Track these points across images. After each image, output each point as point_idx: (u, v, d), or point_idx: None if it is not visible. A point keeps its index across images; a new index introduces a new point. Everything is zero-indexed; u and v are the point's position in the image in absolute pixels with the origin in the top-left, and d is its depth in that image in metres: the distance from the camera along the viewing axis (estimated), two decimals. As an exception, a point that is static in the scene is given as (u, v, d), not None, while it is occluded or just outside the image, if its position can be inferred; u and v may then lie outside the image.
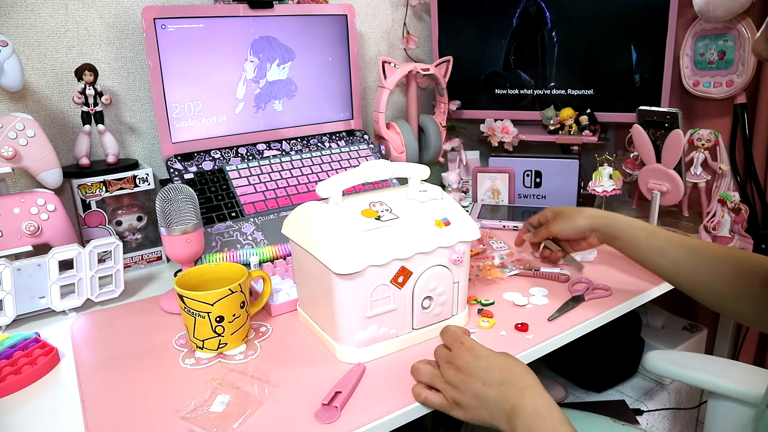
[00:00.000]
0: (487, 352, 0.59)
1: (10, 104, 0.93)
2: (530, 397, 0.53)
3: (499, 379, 0.55)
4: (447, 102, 1.28)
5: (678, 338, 1.21)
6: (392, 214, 0.67)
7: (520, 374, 0.56)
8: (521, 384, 0.55)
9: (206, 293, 0.65)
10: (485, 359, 0.57)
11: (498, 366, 0.56)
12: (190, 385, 0.62)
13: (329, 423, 0.55)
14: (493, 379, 0.55)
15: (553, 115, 1.23)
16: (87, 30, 0.98)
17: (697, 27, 1.08)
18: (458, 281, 0.70)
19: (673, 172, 0.96)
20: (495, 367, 0.56)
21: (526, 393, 0.54)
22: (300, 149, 1.13)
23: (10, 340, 0.71)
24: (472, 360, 0.57)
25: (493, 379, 0.55)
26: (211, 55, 1.01)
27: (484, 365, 0.57)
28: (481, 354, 0.58)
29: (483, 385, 0.55)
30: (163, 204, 0.75)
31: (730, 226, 1.00)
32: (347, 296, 0.62)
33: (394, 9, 1.33)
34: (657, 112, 0.96)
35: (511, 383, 0.55)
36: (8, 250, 0.82)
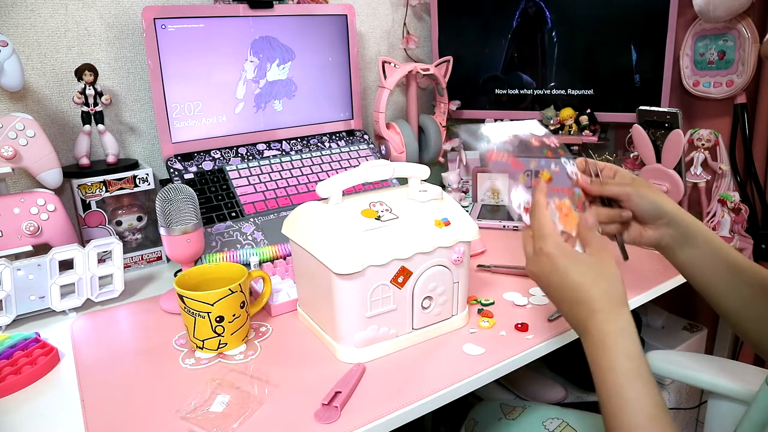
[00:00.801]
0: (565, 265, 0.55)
1: (10, 104, 0.93)
2: (598, 323, 0.51)
3: (572, 299, 0.53)
4: (447, 102, 1.28)
5: (678, 338, 1.21)
6: (392, 214, 0.67)
7: (595, 296, 0.53)
8: (594, 307, 0.52)
9: (206, 293, 0.65)
10: (561, 274, 0.55)
11: (572, 285, 0.54)
12: (190, 385, 0.62)
13: (329, 423, 0.55)
14: (566, 297, 0.54)
15: (553, 115, 1.23)
16: (87, 30, 0.98)
17: (697, 27, 1.08)
18: (458, 281, 0.70)
19: (673, 172, 0.96)
20: (569, 285, 0.54)
21: (596, 317, 0.51)
22: (300, 149, 1.13)
23: (10, 340, 0.71)
24: (548, 271, 0.56)
25: (566, 297, 0.54)
26: (211, 55, 1.01)
27: (559, 281, 0.55)
28: (558, 266, 0.55)
29: (557, 299, 0.55)
30: (163, 204, 0.75)
31: (730, 226, 1.00)
32: (347, 296, 0.62)
33: (394, 9, 1.33)
34: (657, 112, 0.96)
35: (585, 305, 0.53)
36: (8, 250, 0.82)
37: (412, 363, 0.65)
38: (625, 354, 0.49)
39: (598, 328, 0.51)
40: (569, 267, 0.55)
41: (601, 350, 0.50)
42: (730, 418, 0.85)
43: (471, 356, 0.66)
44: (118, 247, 0.83)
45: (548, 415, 0.82)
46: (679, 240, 0.65)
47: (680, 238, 0.65)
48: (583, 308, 0.53)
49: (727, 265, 0.64)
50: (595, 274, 0.54)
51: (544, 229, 0.58)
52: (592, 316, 0.52)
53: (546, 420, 0.81)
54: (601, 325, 0.51)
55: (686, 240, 0.65)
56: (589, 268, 0.54)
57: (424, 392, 0.59)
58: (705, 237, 0.65)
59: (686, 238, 0.65)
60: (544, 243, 0.57)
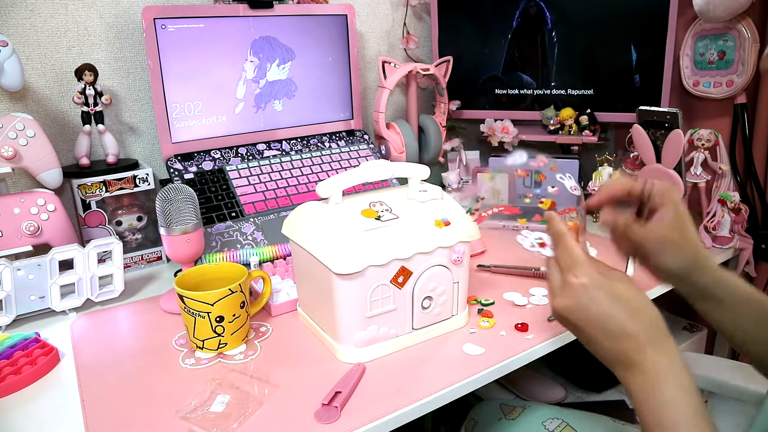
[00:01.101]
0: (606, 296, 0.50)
1: (10, 104, 0.93)
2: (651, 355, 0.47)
3: (617, 332, 0.49)
4: (447, 102, 1.28)
5: (678, 338, 1.21)
6: (392, 214, 0.67)
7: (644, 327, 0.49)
8: (643, 339, 0.48)
9: (206, 293, 0.65)
10: (603, 306, 0.50)
11: (618, 318, 0.49)
12: (190, 385, 0.62)
13: (329, 423, 0.55)
14: (612, 332, 0.49)
15: (553, 115, 1.23)
16: (87, 30, 0.98)
17: (697, 27, 1.08)
18: (458, 281, 0.70)
19: (673, 172, 0.96)
20: (615, 318, 0.49)
21: (648, 350, 0.47)
22: (300, 149, 1.12)
23: (10, 340, 0.71)
24: (588, 303, 0.50)
25: (612, 332, 0.49)
26: (211, 55, 1.01)
27: (602, 313, 0.50)
28: (599, 297, 0.50)
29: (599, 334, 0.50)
30: (163, 204, 0.75)
31: (730, 226, 1.00)
32: (347, 296, 0.62)
33: (394, 9, 1.33)
34: (657, 112, 0.96)
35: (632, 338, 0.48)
36: (8, 250, 0.82)
37: (412, 363, 0.65)
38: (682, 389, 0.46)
39: (650, 360, 0.47)
40: (610, 296, 0.50)
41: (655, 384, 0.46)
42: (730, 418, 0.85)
43: (471, 356, 0.66)
44: (118, 247, 0.83)
45: (548, 415, 0.82)
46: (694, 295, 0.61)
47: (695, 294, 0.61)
48: (631, 341, 0.48)
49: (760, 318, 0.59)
50: (638, 304, 0.50)
51: (576, 257, 0.53)
52: (642, 350, 0.48)
53: (546, 420, 0.81)
54: (655, 358, 0.47)
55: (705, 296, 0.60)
56: (631, 298, 0.51)
57: (424, 392, 0.59)
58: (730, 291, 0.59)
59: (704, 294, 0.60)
60: (577, 272, 0.52)
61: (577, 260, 0.52)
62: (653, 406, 0.47)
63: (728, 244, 1.00)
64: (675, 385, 0.46)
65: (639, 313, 0.50)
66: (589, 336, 0.51)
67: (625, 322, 0.49)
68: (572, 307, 0.52)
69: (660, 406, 0.46)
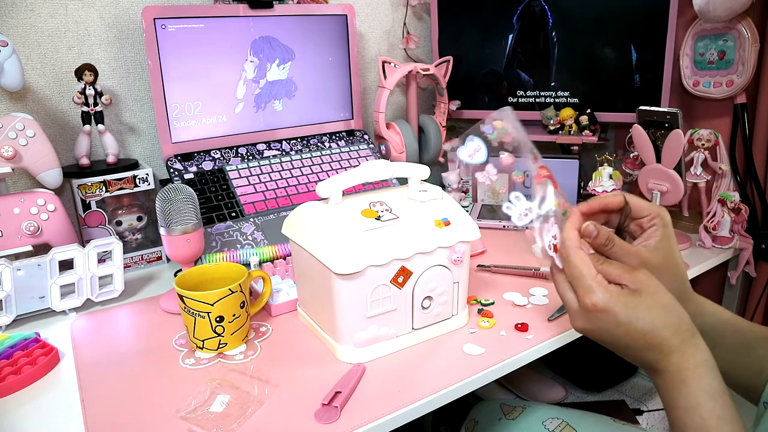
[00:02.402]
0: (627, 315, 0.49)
1: (10, 104, 0.93)
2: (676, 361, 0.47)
3: (641, 345, 0.49)
4: (447, 102, 1.28)
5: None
6: (392, 214, 0.67)
7: (667, 337, 0.48)
8: (668, 347, 0.48)
9: (206, 293, 0.65)
10: (625, 326, 0.49)
11: (640, 334, 0.49)
12: (190, 385, 0.62)
13: (329, 423, 0.55)
14: (635, 346, 0.49)
15: (553, 115, 1.23)
16: (87, 30, 0.98)
17: (697, 27, 1.08)
18: (458, 281, 0.70)
19: (673, 172, 0.96)
20: (637, 335, 0.49)
21: (673, 357, 0.47)
22: (300, 149, 1.13)
23: (10, 340, 0.71)
24: (608, 327, 0.50)
25: (635, 346, 0.49)
26: (211, 55, 1.01)
27: (623, 333, 0.49)
28: (620, 319, 0.49)
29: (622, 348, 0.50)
30: (163, 204, 0.75)
31: (730, 226, 1.00)
32: (347, 296, 0.62)
33: (394, 9, 1.33)
34: (657, 112, 0.96)
35: (657, 348, 0.48)
36: (8, 250, 0.82)
37: (412, 363, 0.65)
38: (707, 392, 0.45)
39: (675, 367, 0.47)
40: (632, 315, 0.49)
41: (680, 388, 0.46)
42: (730, 418, 0.85)
43: (471, 356, 0.66)
44: (118, 247, 0.83)
45: (548, 415, 0.82)
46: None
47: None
48: (655, 351, 0.49)
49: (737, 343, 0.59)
50: (657, 312, 0.49)
51: (586, 277, 0.51)
52: (667, 357, 0.48)
53: (546, 420, 0.81)
54: (679, 363, 0.47)
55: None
56: (649, 307, 0.49)
57: (424, 392, 0.59)
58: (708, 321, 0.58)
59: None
60: (594, 296, 0.50)
61: (590, 281, 0.51)
62: (679, 410, 0.47)
63: (728, 244, 1.00)
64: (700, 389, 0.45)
65: (664, 322, 0.49)
66: (613, 348, 0.52)
67: (647, 336, 0.49)
68: (595, 330, 0.51)
69: (685, 411, 0.46)
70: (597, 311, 0.50)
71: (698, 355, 0.48)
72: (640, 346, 0.49)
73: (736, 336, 0.60)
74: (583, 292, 0.51)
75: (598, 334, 0.52)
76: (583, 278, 0.51)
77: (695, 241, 1.02)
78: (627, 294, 0.50)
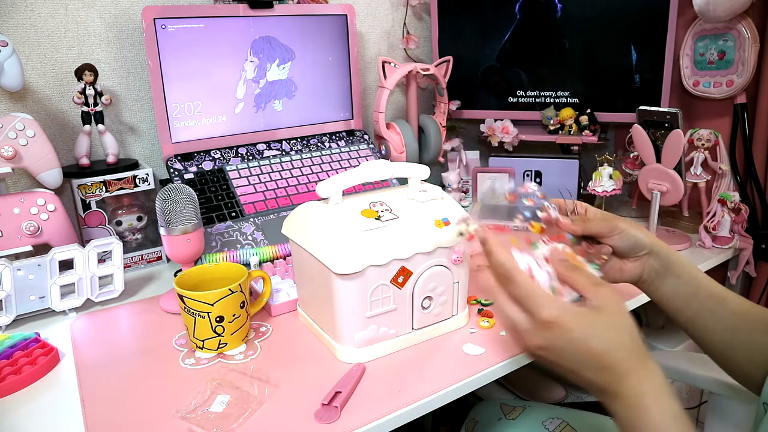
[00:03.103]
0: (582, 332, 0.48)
1: (10, 104, 0.93)
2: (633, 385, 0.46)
3: (594, 366, 0.48)
4: (447, 102, 1.28)
5: (678, 338, 1.21)
6: (392, 214, 0.67)
7: (621, 359, 0.47)
8: (623, 369, 0.47)
9: (206, 293, 0.65)
10: (577, 344, 0.48)
11: (594, 353, 0.47)
12: (190, 385, 0.62)
13: (329, 423, 0.55)
14: (588, 365, 0.48)
15: (553, 115, 1.23)
16: (87, 30, 0.98)
17: (697, 27, 1.08)
18: (458, 281, 0.70)
19: (673, 172, 0.96)
20: (591, 353, 0.48)
21: (629, 379, 0.46)
22: (300, 149, 1.12)
23: (10, 340, 0.71)
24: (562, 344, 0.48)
25: (588, 365, 0.48)
26: (211, 55, 1.01)
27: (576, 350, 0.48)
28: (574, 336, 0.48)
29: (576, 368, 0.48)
30: (163, 204, 0.75)
31: (730, 226, 1.00)
32: (347, 296, 0.62)
33: (394, 9, 1.33)
34: (657, 112, 0.96)
35: (610, 370, 0.47)
36: (8, 250, 0.82)
37: (412, 363, 0.65)
38: (670, 415, 0.44)
39: (632, 392, 0.45)
40: (587, 334, 0.48)
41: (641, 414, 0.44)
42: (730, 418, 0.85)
43: (471, 356, 0.66)
44: (118, 247, 0.83)
45: (548, 415, 0.82)
46: (661, 271, 0.62)
47: (662, 269, 0.62)
48: (608, 373, 0.47)
49: (710, 295, 0.61)
50: (614, 333, 0.48)
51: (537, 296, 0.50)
52: (622, 380, 0.46)
53: (546, 420, 0.81)
54: (636, 388, 0.45)
55: (667, 270, 0.62)
56: (607, 327, 0.48)
57: (424, 392, 0.59)
58: (685, 267, 0.62)
59: (667, 268, 0.62)
60: (545, 311, 0.49)
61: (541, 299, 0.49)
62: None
63: (728, 244, 1.00)
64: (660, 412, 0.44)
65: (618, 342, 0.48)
66: (566, 369, 0.50)
67: (601, 356, 0.47)
68: (548, 347, 0.49)
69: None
70: (551, 325, 0.48)
71: (655, 379, 0.46)
72: (594, 366, 0.48)
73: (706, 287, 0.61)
74: (535, 308, 0.49)
75: (553, 352, 0.49)
76: (533, 295, 0.50)
77: (695, 241, 1.02)
78: (584, 311, 0.49)
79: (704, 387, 0.86)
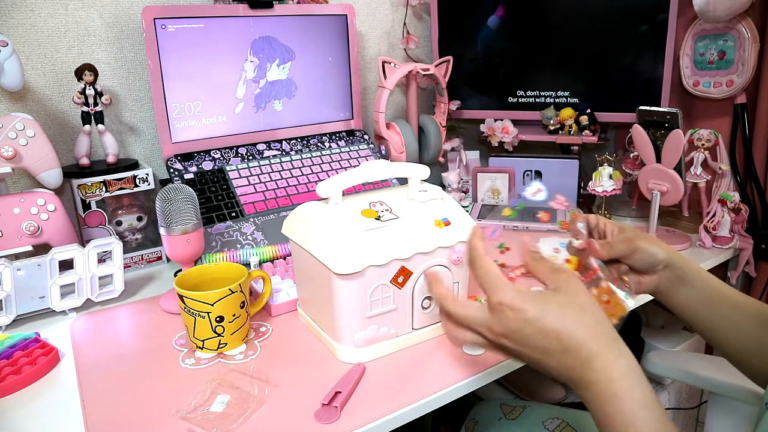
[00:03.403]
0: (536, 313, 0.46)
1: (10, 104, 0.93)
2: (599, 370, 0.43)
3: (557, 348, 0.45)
4: (447, 102, 1.28)
5: (678, 338, 1.21)
6: (392, 214, 0.67)
7: (584, 339, 0.45)
8: (587, 351, 0.44)
9: (206, 293, 0.65)
10: (534, 323, 0.46)
11: (553, 333, 0.45)
12: (190, 385, 0.62)
13: (329, 423, 0.55)
14: (550, 348, 0.46)
15: (553, 115, 1.23)
16: (87, 30, 0.98)
17: (697, 27, 1.08)
18: (458, 281, 0.70)
19: (673, 172, 0.96)
20: (550, 334, 0.46)
21: (594, 363, 0.44)
22: (300, 149, 1.13)
23: (10, 340, 0.71)
24: (519, 326, 0.46)
25: (550, 348, 0.46)
26: (211, 55, 1.01)
27: (535, 332, 0.46)
28: (529, 315, 0.46)
29: (539, 354, 0.46)
30: (163, 204, 0.75)
31: (730, 226, 1.00)
32: (347, 296, 0.62)
33: (394, 9, 1.33)
34: (657, 112, 0.96)
35: (574, 352, 0.45)
36: (8, 250, 0.82)
37: (412, 363, 0.65)
38: (641, 403, 0.42)
39: (600, 377, 0.43)
40: (542, 312, 0.46)
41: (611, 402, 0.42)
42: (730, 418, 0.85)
43: (471, 356, 0.66)
44: (118, 247, 0.83)
45: (548, 415, 0.82)
46: (676, 282, 0.62)
47: (677, 280, 0.62)
48: (573, 356, 0.45)
49: (725, 301, 0.61)
50: (573, 311, 0.46)
51: (495, 279, 0.49)
52: (588, 364, 0.44)
53: (546, 420, 0.81)
54: (604, 372, 0.43)
55: (682, 280, 0.62)
56: (564, 304, 0.47)
57: (424, 392, 0.59)
58: (700, 276, 0.62)
59: (682, 278, 0.62)
60: (501, 295, 0.47)
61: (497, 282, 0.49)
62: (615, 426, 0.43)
63: (728, 244, 1.00)
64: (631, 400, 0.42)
65: (579, 321, 0.46)
66: (531, 358, 0.48)
67: (561, 336, 0.45)
68: (506, 333, 0.48)
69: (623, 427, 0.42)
70: (504, 309, 0.47)
71: (622, 362, 0.44)
72: (556, 347, 0.45)
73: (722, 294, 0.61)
74: (491, 291, 0.49)
75: (512, 338, 0.47)
76: (489, 277, 0.49)
77: (695, 241, 1.02)
78: (540, 292, 0.48)
79: (704, 387, 0.86)
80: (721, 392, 0.84)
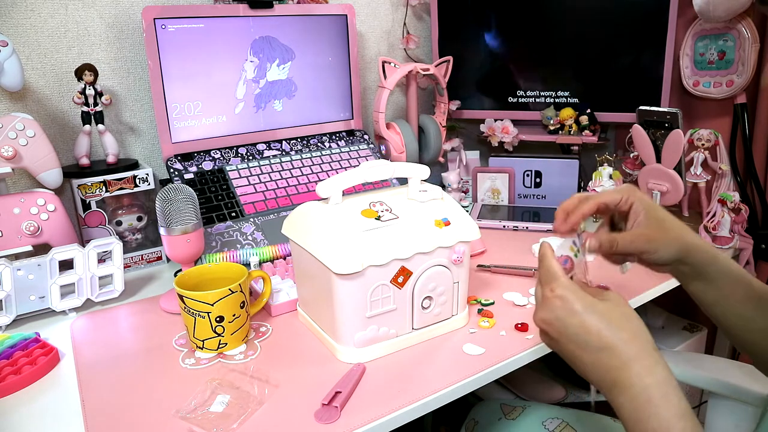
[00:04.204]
0: (583, 307, 0.48)
1: (10, 104, 0.93)
2: (636, 373, 0.44)
3: (596, 345, 0.46)
4: (447, 102, 1.28)
5: (678, 338, 1.21)
6: (392, 214, 0.67)
7: (624, 341, 0.46)
8: (626, 354, 0.45)
9: (206, 293, 0.65)
10: (579, 316, 0.48)
11: (595, 329, 0.47)
12: (190, 385, 0.62)
13: (329, 423, 0.55)
14: (589, 343, 0.47)
15: (553, 115, 1.23)
16: (87, 30, 0.98)
17: (697, 27, 1.08)
18: (458, 281, 0.70)
19: (673, 172, 0.96)
20: (591, 329, 0.47)
21: (632, 367, 0.44)
22: (300, 149, 1.13)
23: (10, 340, 0.71)
24: (564, 315, 0.48)
25: (589, 343, 0.47)
26: (211, 55, 1.01)
27: (578, 324, 0.47)
28: (575, 309, 0.48)
29: (577, 347, 0.47)
30: (163, 204, 0.75)
31: (730, 226, 1.00)
32: (347, 296, 0.62)
33: (394, 9, 1.33)
34: (657, 112, 0.96)
35: (612, 351, 0.46)
36: (8, 250, 0.82)
37: (412, 363, 0.65)
38: (677, 413, 0.42)
39: (636, 381, 0.43)
40: (588, 308, 0.48)
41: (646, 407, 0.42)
42: (730, 418, 0.85)
43: (471, 356, 0.66)
44: (118, 247, 0.83)
45: (548, 415, 0.82)
46: (690, 275, 0.60)
47: (691, 273, 0.60)
48: (611, 354, 0.46)
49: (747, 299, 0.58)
50: (617, 315, 0.48)
51: (552, 272, 0.52)
52: (626, 366, 0.44)
53: (546, 420, 0.81)
54: (640, 378, 0.43)
55: (699, 275, 0.59)
56: (610, 308, 0.49)
57: (424, 392, 0.59)
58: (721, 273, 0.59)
59: (699, 273, 0.59)
60: (554, 285, 0.51)
61: (554, 274, 0.52)
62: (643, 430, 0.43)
63: (728, 244, 1.00)
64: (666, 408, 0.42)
65: (621, 324, 0.47)
66: (568, 350, 0.49)
67: (602, 333, 0.47)
68: (551, 319, 0.50)
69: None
70: (554, 297, 0.50)
71: (660, 371, 0.45)
72: (595, 344, 0.47)
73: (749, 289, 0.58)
74: (546, 282, 0.52)
75: (553, 324, 0.50)
76: (549, 272, 0.53)
77: (695, 241, 1.02)
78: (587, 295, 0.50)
79: (704, 387, 0.86)
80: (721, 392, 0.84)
